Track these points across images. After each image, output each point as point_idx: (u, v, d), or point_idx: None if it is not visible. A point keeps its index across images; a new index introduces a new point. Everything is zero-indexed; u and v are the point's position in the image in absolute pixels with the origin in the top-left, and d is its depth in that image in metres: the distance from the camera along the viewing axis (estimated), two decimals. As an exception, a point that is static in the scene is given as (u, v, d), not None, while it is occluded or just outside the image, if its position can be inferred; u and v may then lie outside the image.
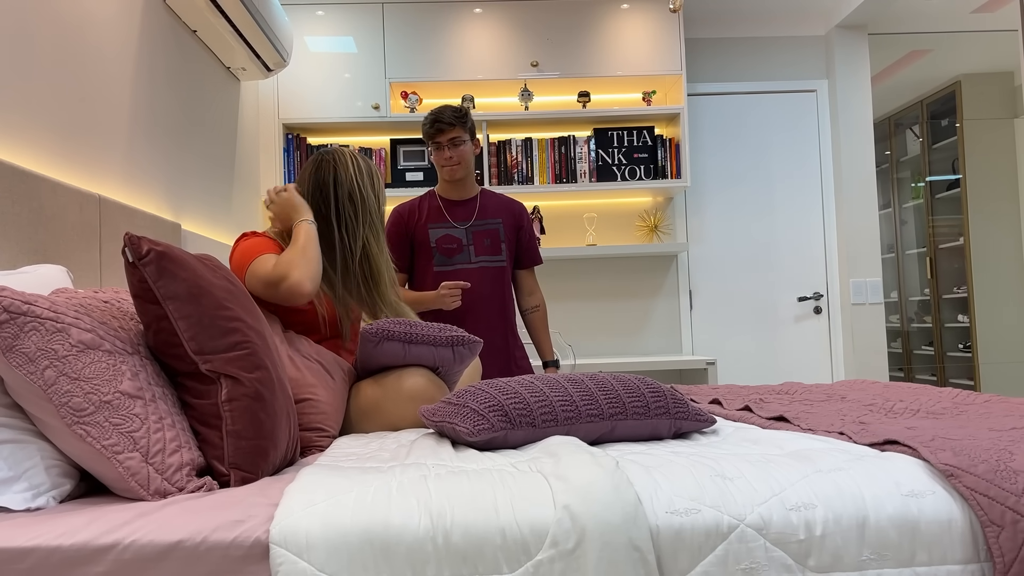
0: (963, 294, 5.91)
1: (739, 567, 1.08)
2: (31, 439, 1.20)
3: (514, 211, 2.94)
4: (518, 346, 2.92)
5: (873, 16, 4.37)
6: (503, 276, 2.88)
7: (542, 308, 3.00)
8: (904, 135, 6.76)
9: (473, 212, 2.88)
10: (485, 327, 2.82)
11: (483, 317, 2.82)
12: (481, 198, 2.91)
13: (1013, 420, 1.53)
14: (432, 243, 2.82)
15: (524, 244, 2.95)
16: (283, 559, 1.03)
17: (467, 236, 2.85)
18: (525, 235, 2.95)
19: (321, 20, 4.09)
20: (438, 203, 2.88)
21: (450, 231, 2.84)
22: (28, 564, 1.02)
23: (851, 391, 2.16)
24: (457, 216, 2.86)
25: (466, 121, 2.78)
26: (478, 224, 2.86)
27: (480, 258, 2.85)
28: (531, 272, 2.99)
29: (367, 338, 1.87)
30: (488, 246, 2.86)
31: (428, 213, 2.86)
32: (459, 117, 2.76)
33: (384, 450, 1.52)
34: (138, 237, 1.30)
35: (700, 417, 1.62)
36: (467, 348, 1.96)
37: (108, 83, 2.37)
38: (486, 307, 2.83)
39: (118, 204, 2.23)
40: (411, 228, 2.85)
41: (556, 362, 3.01)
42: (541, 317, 2.99)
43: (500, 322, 2.86)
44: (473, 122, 2.83)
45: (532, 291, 2.99)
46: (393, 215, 2.88)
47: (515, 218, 2.93)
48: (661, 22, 4.19)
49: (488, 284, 2.84)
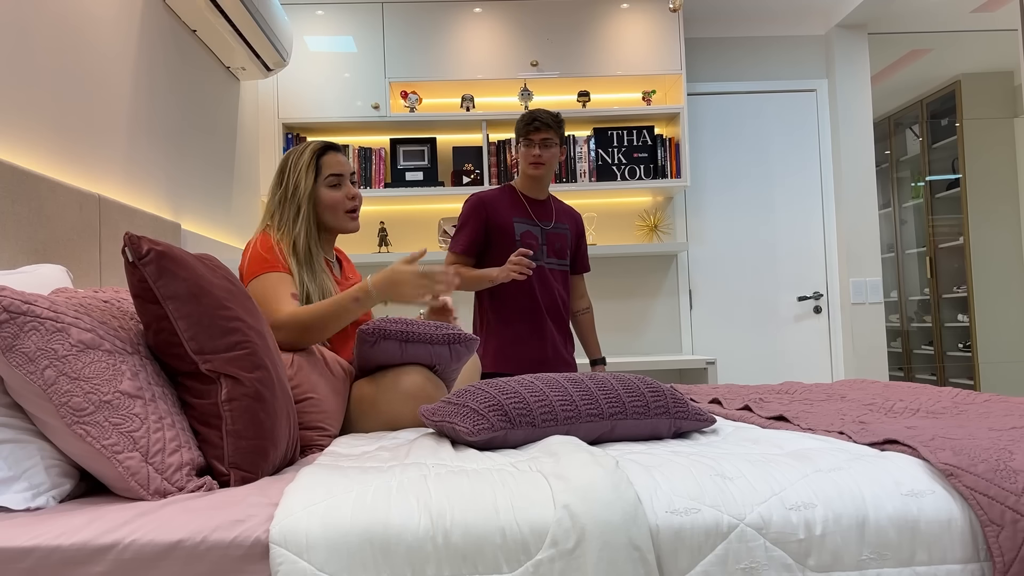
0: (963, 294, 5.91)
1: (739, 566, 1.08)
2: (31, 439, 1.20)
3: (577, 220, 3.06)
4: (571, 351, 3.00)
5: (873, 16, 4.37)
6: (567, 280, 3.00)
7: (591, 311, 3.12)
8: (904, 135, 6.76)
9: (549, 214, 2.96)
10: (554, 327, 2.90)
11: (554, 316, 2.91)
12: (553, 203, 3.01)
13: (1013, 420, 1.53)
14: (517, 236, 2.87)
15: (581, 251, 3.07)
16: (283, 559, 1.03)
17: (543, 236, 2.92)
18: (583, 243, 3.08)
19: (321, 20, 4.09)
20: (521, 199, 2.93)
21: (531, 228, 2.91)
22: (28, 564, 1.02)
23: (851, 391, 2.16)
24: (538, 215, 2.94)
25: (561, 127, 2.88)
26: (553, 227, 2.95)
27: (551, 260, 2.93)
28: (582, 278, 3.12)
29: (364, 338, 1.87)
30: (558, 249, 2.95)
31: (512, 206, 2.90)
32: (556, 120, 2.86)
33: (384, 450, 1.52)
34: (138, 237, 1.30)
35: (700, 417, 1.62)
36: (464, 346, 1.96)
37: (108, 83, 2.36)
38: (556, 307, 2.92)
39: (118, 204, 2.23)
40: (493, 216, 2.87)
41: (603, 360, 3.10)
42: (590, 319, 3.11)
43: (563, 323, 2.94)
44: (564, 130, 2.93)
45: (583, 295, 3.10)
46: (474, 200, 2.89)
47: (578, 227, 3.06)
48: (661, 22, 4.19)
49: (557, 286, 2.93)
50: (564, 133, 2.92)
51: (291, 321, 1.86)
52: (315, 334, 1.87)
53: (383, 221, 4.33)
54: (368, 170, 4.17)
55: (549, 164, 2.88)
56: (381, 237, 4.24)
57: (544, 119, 2.84)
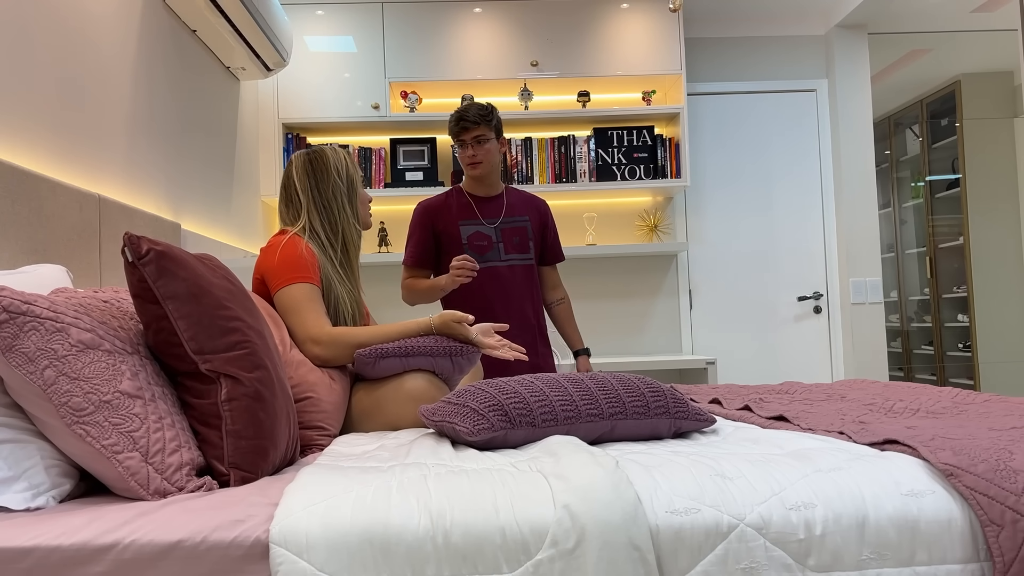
0: (963, 294, 5.91)
1: (739, 566, 1.08)
2: (31, 439, 1.20)
3: (540, 209, 2.95)
4: (545, 344, 2.92)
5: (873, 16, 4.37)
6: (531, 274, 2.89)
7: (567, 300, 3.02)
8: (904, 135, 6.77)
9: (501, 209, 2.87)
10: (517, 324, 2.82)
11: (515, 314, 2.82)
12: (507, 195, 2.91)
13: (1013, 419, 1.52)
14: (464, 239, 2.82)
15: (549, 242, 2.97)
16: (283, 559, 1.03)
17: (496, 234, 2.84)
18: (550, 233, 2.97)
19: (321, 20, 4.09)
20: (467, 200, 2.87)
21: (480, 228, 2.83)
22: (28, 564, 1.02)
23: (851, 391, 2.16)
24: (486, 213, 2.85)
25: (491, 119, 2.77)
26: (507, 221, 2.86)
27: (510, 256, 2.85)
28: (554, 268, 3.02)
29: (363, 360, 1.87)
30: (517, 244, 2.86)
31: (457, 209, 2.84)
32: (484, 116, 2.75)
33: (384, 449, 1.52)
34: (138, 237, 1.30)
35: (700, 417, 1.62)
36: (466, 359, 1.96)
37: (108, 83, 2.36)
38: (518, 305, 2.83)
39: (118, 204, 2.23)
40: (439, 224, 2.84)
41: (587, 350, 3.01)
42: (566, 309, 3.01)
43: (531, 320, 2.86)
44: (499, 120, 2.82)
45: (556, 285, 3.01)
46: (419, 209, 2.86)
47: (541, 216, 2.94)
48: (661, 22, 4.19)
49: (519, 282, 2.84)
50: (499, 124, 2.80)
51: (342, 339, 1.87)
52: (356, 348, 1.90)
53: (383, 221, 4.32)
54: (368, 170, 4.17)
55: (488, 160, 2.78)
56: (381, 237, 4.24)
57: (471, 117, 2.73)
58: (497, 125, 2.81)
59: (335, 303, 2.00)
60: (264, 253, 1.99)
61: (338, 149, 2.15)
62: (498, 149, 2.83)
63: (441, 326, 1.95)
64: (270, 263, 1.96)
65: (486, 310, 2.81)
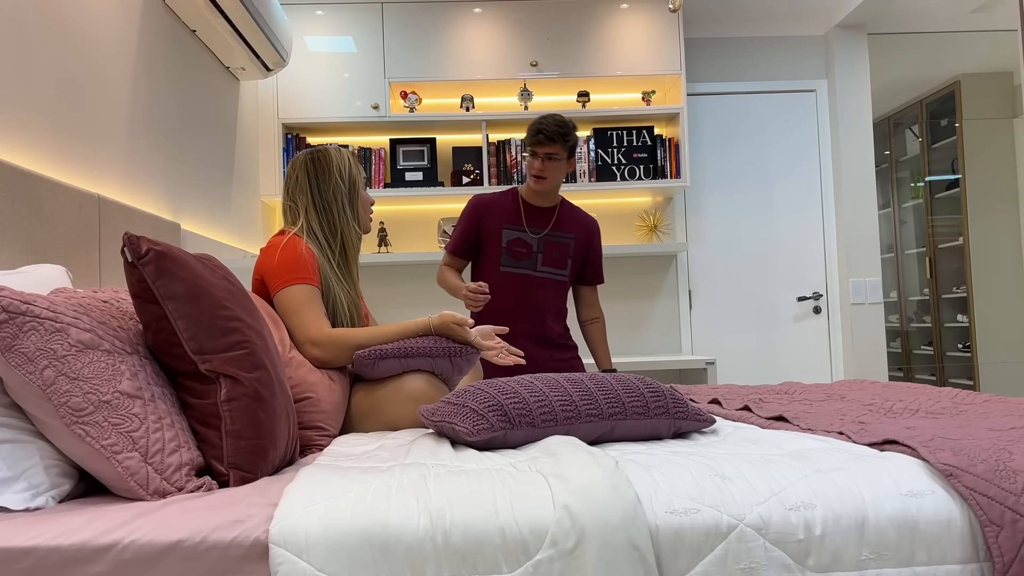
0: (962, 294, 5.91)
1: (738, 567, 1.08)
2: (30, 439, 1.20)
3: (589, 229, 2.94)
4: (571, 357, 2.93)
5: (872, 16, 4.37)
6: (562, 290, 2.90)
7: (601, 321, 3.01)
8: (904, 135, 6.77)
9: (550, 222, 2.88)
10: (538, 335, 2.85)
11: (538, 325, 2.85)
12: (560, 209, 2.92)
13: (1012, 420, 1.53)
14: (504, 243, 2.84)
15: (591, 262, 2.97)
16: (282, 559, 1.03)
17: (538, 244, 2.86)
18: (594, 254, 2.97)
19: (320, 20, 4.09)
20: (519, 205, 2.89)
21: (523, 235, 2.86)
22: (27, 564, 1.02)
23: (850, 391, 2.16)
24: (533, 222, 2.87)
25: (568, 140, 2.77)
26: (552, 235, 2.87)
27: (545, 269, 2.87)
28: (594, 289, 3.02)
29: (363, 362, 1.87)
30: (556, 258, 2.87)
31: (507, 212, 2.87)
32: (562, 135, 2.75)
33: (383, 450, 1.52)
34: (137, 237, 1.30)
35: (699, 417, 1.62)
36: (465, 360, 1.96)
37: (107, 83, 2.36)
38: (541, 316, 2.86)
39: (117, 204, 2.23)
40: (484, 221, 2.86)
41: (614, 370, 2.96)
42: (599, 329, 3.00)
43: (553, 331, 2.88)
44: (576, 140, 2.81)
45: (592, 304, 3.01)
46: (472, 202, 2.90)
47: (588, 236, 2.94)
48: (660, 22, 4.19)
49: (548, 295, 2.87)
50: (574, 144, 2.80)
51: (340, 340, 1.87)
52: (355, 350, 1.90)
53: (383, 221, 4.32)
54: (368, 170, 4.17)
55: (552, 177, 2.80)
56: (381, 237, 4.24)
57: (551, 133, 2.73)
58: (572, 145, 2.80)
59: (333, 304, 2.00)
60: (264, 253, 1.98)
61: (341, 150, 2.14)
62: (566, 168, 2.83)
63: (440, 327, 1.95)
64: (270, 264, 1.95)
65: (510, 315, 2.84)
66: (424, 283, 4.35)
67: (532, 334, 2.85)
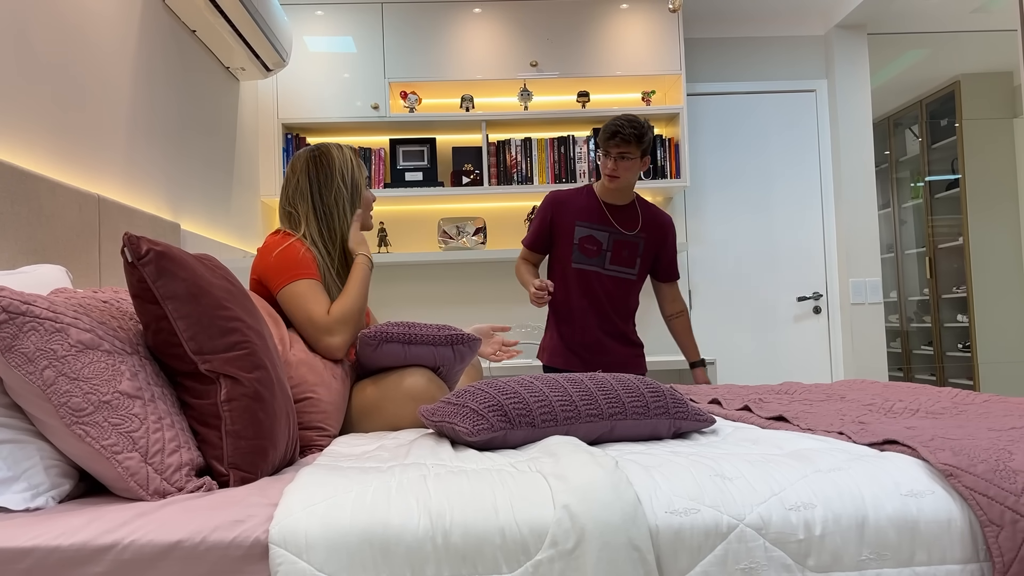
0: (962, 294, 5.91)
1: (738, 567, 1.08)
2: (30, 439, 1.20)
3: (662, 227, 2.96)
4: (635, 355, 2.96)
5: (872, 16, 4.37)
6: (631, 289, 2.94)
7: (685, 314, 3.04)
8: (903, 135, 6.77)
9: (623, 221, 2.91)
10: (604, 334, 2.90)
11: (604, 322, 2.90)
12: (633, 208, 2.94)
13: (1012, 420, 1.52)
14: (575, 240, 2.88)
15: (664, 260, 2.98)
16: (282, 559, 1.03)
17: (608, 242, 2.88)
18: (667, 252, 2.98)
19: (320, 20, 4.09)
20: (594, 203, 2.92)
21: (595, 233, 2.88)
22: (27, 564, 1.02)
23: (850, 391, 2.16)
24: (606, 220, 2.90)
25: (642, 140, 2.79)
26: (624, 234, 2.90)
27: (614, 267, 2.90)
28: (672, 284, 3.03)
29: (366, 341, 1.87)
30: (625, 258, 2.90)
31: (581, 209, 2.90)
32: (637, 136, 2.77)
33: (383, 450, 1.52)
34: (137, 237, 1.30)
35: (699, 417, 1.62)
36: (467, 347, 1.96)
37: (107, 83, 2.36)
38: (606, 313, 2.90)
39: (117, 204, 2.23)
40: (558, 217, 2.91)
41: (703, 362, 3.04)
42: (683, 322, 3.03)
43: (620, 331, 2.92)
44: (651, 140, 2.83)
45: (674, 299, 3.04)
46: (548, 198, 2.96)
47: (661, 234, 2.95)
48: (660, 22, 4.19)
49: (616, 293, 2.90)
50: (648, 145, 2.81)
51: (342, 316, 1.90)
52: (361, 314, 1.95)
53: (383, 221, 4.32)
54: (368, 171, 4.17)
55: (625, 176, 2.82)
56: (381, 237, 4.24)
57: (626, 134, 2.76)
58: (646, 146, 2.81)
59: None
60: (260, 254, 1.97)
61: (344, 148, 2.11)
62: (639, 167, 2.84)
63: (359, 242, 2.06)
64: (267, 264, 1.94)
65: (578, 310, 2.89)
66: (424, 283, 4.35)
67: (601, 327, 2.90)
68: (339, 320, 1.89)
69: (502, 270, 4.38)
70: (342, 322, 1.89)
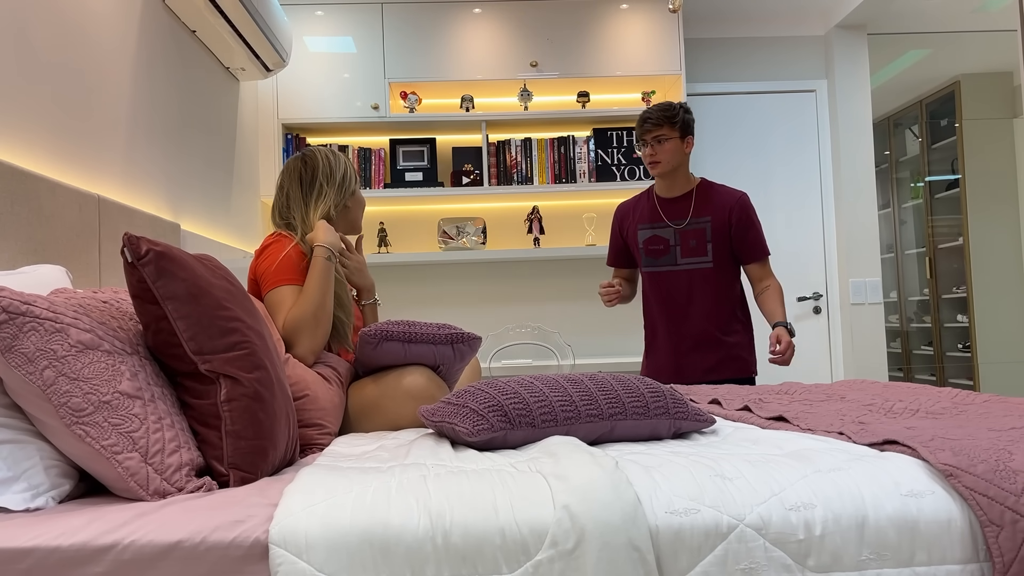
0: (962, 294, 5.91)
1: (738, 567, 1.08)
2: (30, 439, 1.20)
3: (730, 205, 2.76)
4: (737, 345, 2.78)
5: (872, 16, 4.37)
6: (712, 278, 2.76)
7: (773, 286, 2.78)
8: (903, 135, 6.77)
9: (687, 210, 2.77)
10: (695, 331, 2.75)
11: (683, 322, 2.76)
12: (697, 193, 2.79)
13: (1012, 420, 1.52)
14: (640, 245, 2.81)
15: (740, 238, 2.76)
16: (282, 559, 1.03)
17: (675, 237, 2.76)
18: (738, 229, 2.76)
19: (320, 20, 4.09)
20: (653, 201, 2.84)
21: (659, 231, 2.79)
22: (27, 564, 1.02)
23: (850, 391, 2.16)
24: (670, 215, 2.78)
25: (674, 120, 2.71)
26: (689, 223, 2.75)
27: (686, 260, 2.76)
28: (758, 264, 2.79)
29: (366, 340, 1.88)
30: (694, 247, 2.74)
31: (642, 212, 2.83)
32: (667, 116, 2.70)
33: (383, 450, 1.52)
34: (137, 237, 1.30)
35: (699, 417, 1.62)
36: (467, 345, 1.96)
37: (107, 83, 2.36)
38: (684, 312, 2.76)
39: (117, 204, 2.23)
40: (623, 227, 2.88)
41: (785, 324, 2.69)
42: (772, 293, 2.77)
43: (711, 326, 2.75)
44: (686, 119, 2.74)
45: (760, 279, 2.81)
46: (615, 212, 2.94)
47: (730, 212, 2.75)
48: (660, 22, 4.19)
49: (693, 287, 2.75)
50: (684, 123, 2.72)
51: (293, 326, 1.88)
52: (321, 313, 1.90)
53: (382, 222, 4.32)
54: (368, 170, 4.17)
55: (666, 160, 2.72)
56: (380, 238, 4.24)
57: (651, 116, 2.70)
58: (682, 124, 2.72)
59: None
60: (256, 256, 2.03)
61: (335, 153, 2.16)
62: (681, 148, 2.74)
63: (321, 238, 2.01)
64: (256, 267, 2.01)
65: (656, 315, 2.83)
66: (424, 283, 4.35)
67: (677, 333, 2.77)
68: (291, 331, 1.88)
69: (502, 270, 4.38)
70: (294, 331, 1.88)
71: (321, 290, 1.92)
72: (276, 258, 1.97)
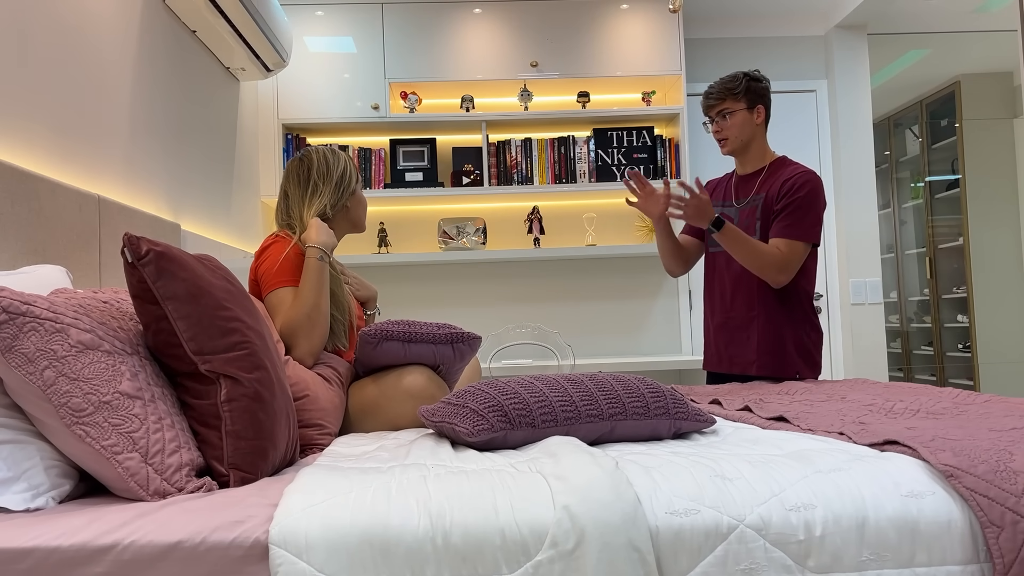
0: (962, 294, 5.91)
1: (739, 567, 1.08)
2: (30, 439, 1.20)
3: (786, 182, 2.49)
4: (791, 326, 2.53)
5: (872, 16, 4.37)
6: None
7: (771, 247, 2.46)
8: (903, 135, 6.77)
9: (748, 188, 2.60)
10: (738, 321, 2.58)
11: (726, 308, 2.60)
12: (768, 169, 2.58)
13: (1013, 420, 1.52)
14: None
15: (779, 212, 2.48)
16: (282, 559, 1.02)
17: (736, 216, 2.59)
18: (780, 203, 2.48)
19: (320, 20, 4.09)
20: (729, 179, 2.71)
21: (726, 210, 2.64)
22: (27, 565, 1.02)
23: (851, 391, 2.16)
24: (740, 193, 2.63)
25: (737, 90, 2.54)
26: (749, 201, 2.58)
27: None
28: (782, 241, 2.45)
29: (366, 339, 1.88)
30: (747, 227, 2.55)
31: (719, 190, 2.70)
32: (729, 88, 2.55)
33: (383, 450, 1.52)
34: (137, 237, 1.30)
35: (700, 417, 1.62)
36: (467, 345, 1.96)
37: (107, 83, 2.36)
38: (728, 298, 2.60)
39: (117, 204, 2.23)
40: None
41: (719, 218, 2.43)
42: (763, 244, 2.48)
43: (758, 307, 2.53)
44: (753, 87, 2.55)
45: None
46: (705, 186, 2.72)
47: (777, 187, 2.51)
48: (660, 22, 4.19)
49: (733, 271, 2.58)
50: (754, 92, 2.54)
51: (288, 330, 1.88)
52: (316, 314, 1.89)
53: (383, 222, 4.32)
54: (368, 171, 4.17)
55: (733, 135, 2.56)
56: (381, 238, 4.24)
57: (713, 91, 2.56)
58: (751, 94, 2.54)
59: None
60: (256, 257, 2.03)
61: (335, 152, 2.16)
62: (751, 120, 2.55)
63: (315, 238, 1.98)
64: (256, 269, 2.01)
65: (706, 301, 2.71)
66: (424, 283, 4.35)
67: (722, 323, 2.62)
68: (287, 334, 1.88)
69: (502, 270, 4.38)
70: (291, 334, 1.88)
71: (315, 292, 1.91)
72: (276, 259, 1.97)
